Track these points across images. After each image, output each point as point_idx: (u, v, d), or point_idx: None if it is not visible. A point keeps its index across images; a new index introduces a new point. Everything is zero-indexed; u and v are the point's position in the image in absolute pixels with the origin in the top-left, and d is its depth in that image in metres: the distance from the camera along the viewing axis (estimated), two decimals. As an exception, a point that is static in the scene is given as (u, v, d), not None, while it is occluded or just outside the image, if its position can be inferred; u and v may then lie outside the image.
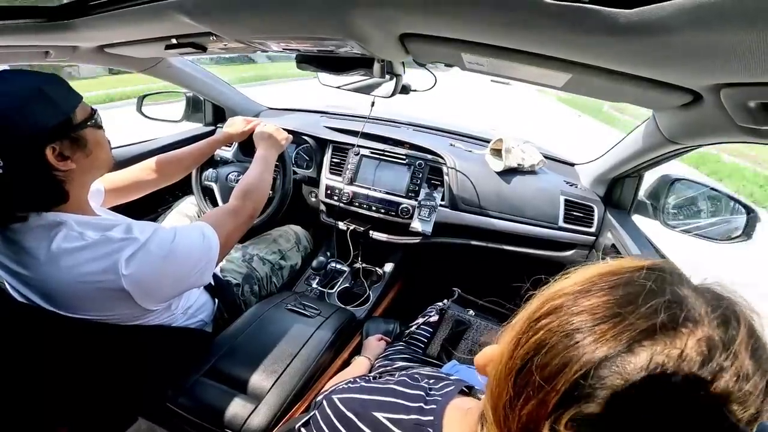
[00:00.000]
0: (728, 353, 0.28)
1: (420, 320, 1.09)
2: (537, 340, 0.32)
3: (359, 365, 0.93)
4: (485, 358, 0.38)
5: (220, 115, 1.76)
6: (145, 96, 1.55)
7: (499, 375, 0.34)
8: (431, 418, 0.43)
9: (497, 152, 1.38)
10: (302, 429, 0.51)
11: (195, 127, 1.75)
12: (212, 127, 1.75)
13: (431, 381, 0.52)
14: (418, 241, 1.40)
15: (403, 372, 0.59)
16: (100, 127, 0.72)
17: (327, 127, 1.56)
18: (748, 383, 0.28)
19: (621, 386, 0.28)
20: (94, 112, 0.71)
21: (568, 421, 0.30)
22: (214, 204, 1.41)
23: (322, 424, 0.47)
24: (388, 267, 1.53)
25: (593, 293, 0.32)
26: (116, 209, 0.91)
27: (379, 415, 0.44)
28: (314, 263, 1.38)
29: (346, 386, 0.52)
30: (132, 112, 1.56)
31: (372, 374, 0.84)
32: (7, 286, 0.71)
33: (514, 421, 0.33)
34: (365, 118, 1.45)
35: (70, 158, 0.65)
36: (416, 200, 1.34)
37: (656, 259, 0.34)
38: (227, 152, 1.48)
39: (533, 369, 0.32)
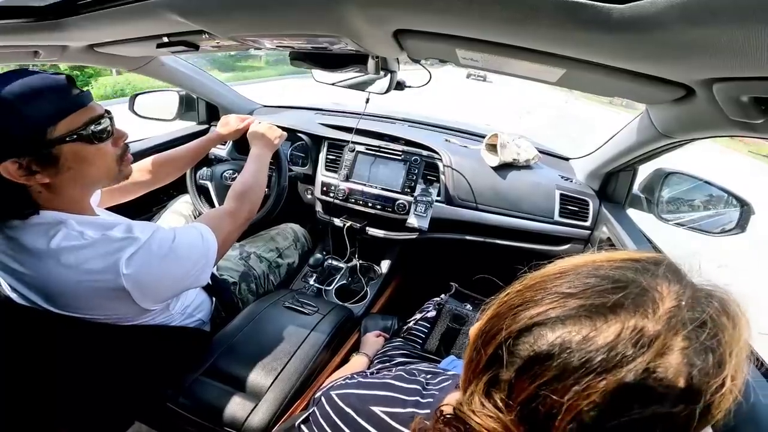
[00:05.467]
0: (646, 347, 0.27)
1: (418, 316, 1.10)
2: (497, 311, 0.35)
3: (358, 363, 0.93)
4: (472, 330, 0.40)
5: (213, 114, 1.74)
6: (136, 95, 1.54)
7: (470, 341, 0.37)
8: (428, 411, 0.43)
9: (492, 147, 1.39)
10: (302, 426, 0.51)
11: (188, 126, 1.74)
12: (206, 126, 1.74)
13: (428, 376, 0.52)
14: (414, 236, 1.40)
15: (401, 367, 0.59)
16: (92, 140, 0.65)
17: (322, 124, 1.56)
18: (659, 381, 0.26)
19: (527, 356, 0.30)
20: (88, 123, 0.64)
21: (486, 383, 0.32)
22: (210, 202, 1.41)
23: (322, 421, 0.48)
24: (385, 263, 1.54)
25: (566, 277, 0.33)
26: (111, 209, 0.90)
27: (376, 409, 0.45)
28: (311, 260, 1.38)
29: (343, 382, 0.53)
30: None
31: (370, 370, 0.85)
32: (4, 284, 0.70)
33: (464, 382, 0.36)
34: (360, 114, 1.45)
35: (39, 173, 0.61)
36: (412, 196, 1.34)
37: (649, 253, 0.34)
38: (222, 150, 1.47)
39: (480, 334, 0.34)
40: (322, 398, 0.50)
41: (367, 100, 1.26)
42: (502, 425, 0.30)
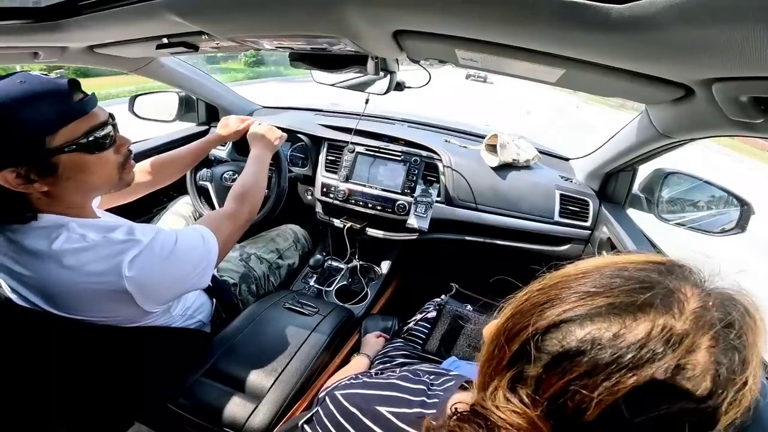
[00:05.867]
0: (677, 345, 0.27)
1: (418, 316, 1.10)
2: (519, 308, 0.35)
3: (358, 363, 0.93)
4: (488, 328, 0.40)
5: (213, 115, 1.74)
6: (136, 96, 1.54)
7: (487, 339, 0.37)
8: (434, 411, 0.43)
9: (492, 147, 1.39)
10: (305, 426, 0.51)
11: (188, 127, 1.74)
12: (205, 127, 1.74)
13: (432, 377, 0.52)
14: (414, 237, 1.40)
15: (405, 368, 0.59)
16: (92, 150, 0.64)
17: (322, 125, 1.56)
18: (688, 378, 0.27)
19: (556, 352, 0.30)
20: (90, 132, 0.63)
21: (510, 379, 0.32)
22: (210, 204, 1.41)
23: (326, 420, 0.48)
24: (385, 264, 1.54)
25: (590, 277, 0.33)
26: (110, 210, 0.90)
27: (382, 409, 0.45)
28: (311, 261, 1.38)
29: (348, 382, 0.53)
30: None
31: (373, 371, 0.85)
32: (5, 286, 0.70)
33: (481, 379, 0.36)
34: (360, 115, 1.45)
35: (37, 182, 0.60)
36: (412, 197, 1.34)
37: (670, 257, 0.35)
38: (222, 152, 1.47)
39: (503, 331, 0.35)
40: (327, 398, 0.50)
41: (367, 101, 1.26)
42: (528, 420, 0.31)
